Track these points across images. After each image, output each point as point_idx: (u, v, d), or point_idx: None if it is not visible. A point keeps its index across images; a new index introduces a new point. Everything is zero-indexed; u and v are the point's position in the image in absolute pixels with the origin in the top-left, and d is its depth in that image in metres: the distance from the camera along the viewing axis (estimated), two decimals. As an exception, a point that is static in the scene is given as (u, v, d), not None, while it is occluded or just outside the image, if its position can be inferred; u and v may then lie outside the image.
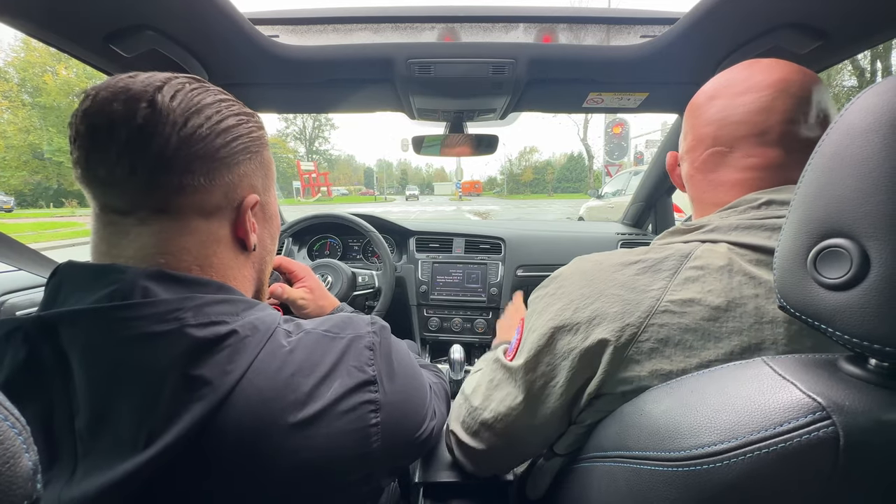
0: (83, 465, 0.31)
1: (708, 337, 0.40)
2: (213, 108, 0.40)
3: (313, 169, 39.00)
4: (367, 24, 0.91)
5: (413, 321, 1.49)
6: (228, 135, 0.41)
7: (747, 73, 0.50)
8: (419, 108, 1.09)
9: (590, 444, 0.48)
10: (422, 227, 1.59)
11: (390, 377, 0.44)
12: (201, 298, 0.36)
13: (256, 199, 0.45)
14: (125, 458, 0.31)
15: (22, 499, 0.21)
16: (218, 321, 0.36)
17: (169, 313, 0.34)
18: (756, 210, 0.45)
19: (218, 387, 0.34)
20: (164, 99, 0.36)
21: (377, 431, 0.40)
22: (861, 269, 0.27)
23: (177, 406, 0.32)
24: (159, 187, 0.37)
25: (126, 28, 0.70)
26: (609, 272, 0.47)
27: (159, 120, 0.36)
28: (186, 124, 0.37)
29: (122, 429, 0.32)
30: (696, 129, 0.54)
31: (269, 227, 0.50)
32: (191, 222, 0.39)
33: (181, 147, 0.37)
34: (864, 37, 0.75)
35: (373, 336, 0.45)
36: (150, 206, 0.38)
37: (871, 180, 0.26)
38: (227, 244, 0.43)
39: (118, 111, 0.36)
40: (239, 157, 0.42)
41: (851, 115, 0.28)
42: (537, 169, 58.57)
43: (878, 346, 0.27)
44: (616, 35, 0.92)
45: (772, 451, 0.28)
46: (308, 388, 0.37)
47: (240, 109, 0.43)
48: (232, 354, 0.35)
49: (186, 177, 0.38)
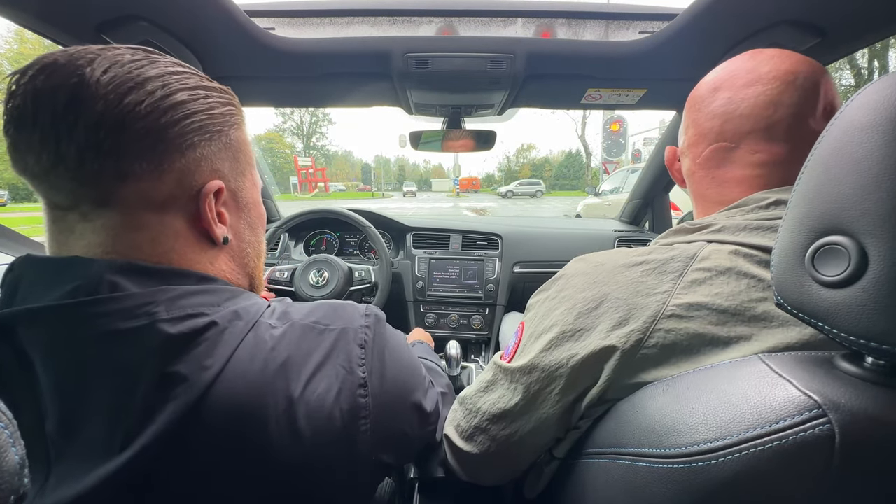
0: (56, 471, 0.30)
1: (716, 343, 0.38)
2: (159, 82, 0.34)
3: (311, 164, 38.82)
4: (365, 18, 0.90)
5: (410, 317, 1.49)
6: (177, 111, 0.35)
7: (752, 63, 0.48)
8: (416, 102, 1.08)
9: (586, 441, 0.48)
10: (419, 223, 1.58)
11: (382, 376, 0.41)
12: (175, 290, 0.34)
13: (219, 185, 0.39)
14: (100, 462, 0.29)
15: (9, 493, 0.21)
16: (195, 314, 0.34)
17: (138, 308, 0.31)
18: (764, 210, 0.43)
19: (195, 383, 0.31)
20: (93, 72, 0.32)
21: (366, 431, 0.38)
22: (859, 267, 0.27)
23: (152, 405, 0.30)
24: (95, 176, 0.33)
25: (118, 18, 0.69)
26: (612, 274, 0.45)
27: (88, 96, 0.31)
28: (122, 101, 0.32)
29: (95, 432, 0.30)
30: (699, 123, 0.52)
31: (247, 216, 0.45)
32: (139, 216, 0.35)
33: (115, 128, 0.32)
34: (863, 34, 0.75)
35: (365, 332, 0.41)
36: (90, 198, 0.33)
37: (871, 177, 0.26)
38: (187, 238, 0.38)
39: (42, 89, 0.31)
40: (193, 137, 0.36)
41: (852, 111, 0.28)
42: (535, 166, 58.58)
43: (875, 343, 0.26)
44: (615, 31, 0.92)
45: (767, 448, 0.28)
46: (290, 390, 0.35)
47: (195, 83, 0.37)
48: (210, 348, 0.33)
49: (125, 162, 0.33)
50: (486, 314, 1.47)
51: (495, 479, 0.58)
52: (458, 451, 0.57)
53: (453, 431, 0.57)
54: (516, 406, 0.49)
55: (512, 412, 0.50)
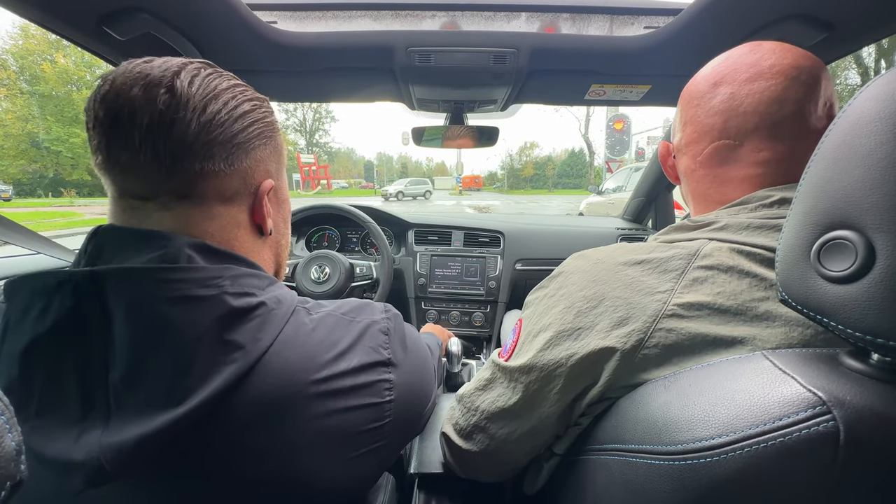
0: (117, 418, 0.32)
1: (718, 342, 0.37)
2: (230, 94, 0.40)
3: (313, 161, 38.87)
4: (367, 12, 0.90)
5: (411, 314, 1.49)
6: (245, 120, 0.41)
7: (753, 56, 0.46)
8: (419, 97, 1.08)
9: (586, 438, 0.47)
10: (421, 219, 1.58)
11: (403, 360, 0.47)
12: (237, 270, 0.39)
13: (272, 184, 0.46)
14: (159, 412, 0.32)
15: (5, 479, 0.21)
16: (249, 293, 0.38)
17: (210, 279, 0.36)
18: (768, 209, 0.43)
19: (250, 351, 0.36)
20: (182, 84, 0.37)
21: (390, 407, 0.43)
22: (866, 262, 0.26)
23: (211, 367, 0.34)
24: (181, 173, 0.38)
25: (120, 10, 0.69)
26: (612, 273, 0.45)
27: (179, 105, 0.37)
28: (206, 110, 0.38)
29: (158, 385, 0.33)
30: (699, 119, 0.50)
31: (283, 211, 0.52)
32: (212, 207, 0.41)
33: (201, 132, 0.38)
34: (871, 29, 0.74)
35: (387, 322, 0.48)
36: (172, 191, 0.39)
37: (879, 171, 0.26)
38: (246, 229, 0.44)
39: (138, 97, 0.36)
40: (255, 142, 0.43)
41: (860, 104, 0.28)
42: (538, 164, 58.42)
43: (882, 340, 0.26)
44: (619, 26, 0.91)
45: (770, 445, 0.28)
46: (329, 359, 0.40)
47: (253, 94, 0.44)
48: (262, 324, 0.38)
49: (207, 162, 0.39)
50: (487, 311, 1.47)
51: (494, 477, 0.58)
52: (456, 448, 0.56)
53: (451, 429, 0.57)
54: (515, 405, 0.49)
55: (511, 411, 0.49)
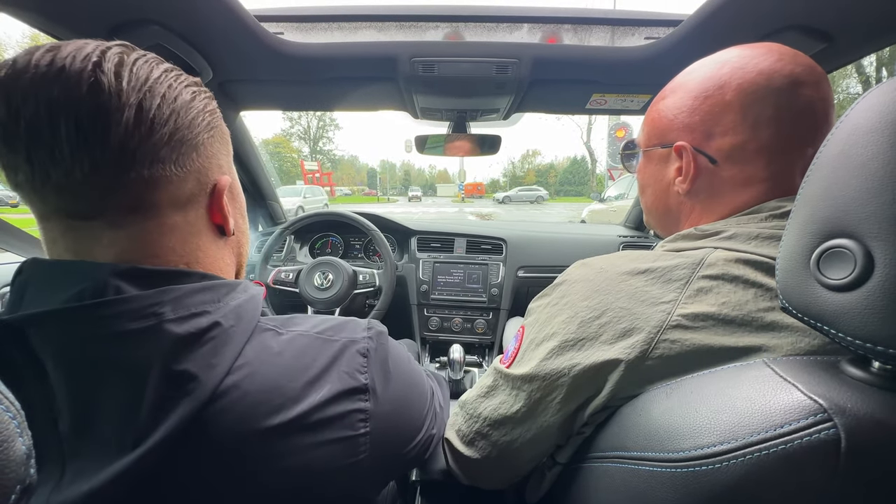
0: (71, 468, 0.30)
1: (723, 353, 0.37)
2: (165, 83, 0.34)
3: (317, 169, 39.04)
4: (372, 23, 0.91)
5: (413, 320, 1.49)
6: (189, 112, 0.35)
7: (759, 59, 0.45)
8: (422, 107, 1.09)
9: (589, 445, 0.47)
10: (424, 226, 1.59)
11: (384, 386, 0.42)
12: (180, 290, 0.34)
13: (229, 180, 0.41)
14: (113, 459, 0.29)
15: (15, 483, 0.21)
16: (199, 312, 0.34)
17: (144, 309, 0.31)
18: (779, 220, 0.42)
19: (205, 382, 0.32)
20: (108, 78, 0.31)
21: (366, 442, 0.39)
22: (865, 271, 0.26)
23: (163, 403, 0.31)
24: (128, 184, 0.32)
25: (131, 21, 0.70)
26: (615, 282, 0.44)
27: (111, 104, 0.31)
28: (142, 106, 0.32)
29: (108, 430, 0.30)
30: (696, 128, 0.49)
31: (240, 206, 0.47)
32: (168, 218, 0.36)
33: (144, 134, 0.32)
34: (870, 40, 0.75)
35: (368, 342, 0.43)
36: (119, 206, 0.33)
37: (877, 180, 0.26)
38: (206, 234, 0.40)
39: (56, 99, 0.30)
40: (203, 135, 0.37)
41: (857, 114, 0.28)
42: (540, 172, 58.54)
43: (882, 348, 0.26)
44: (620, 36, 0.92)
45: (772, 452, 0.28)
46: (295, 391, 0.36)
47: (188, 79, 0.37)
48: (216, 347, 0.34)
49: (156, 167, 0.33)
50: (489, 318, 1.46)
51: (496, 484, 0.58)
52: (458, 455, 0.56)
53: (454, 435, 0.57)
54: (517, 413, 0.49)
55: (513, 419, 0.49)
